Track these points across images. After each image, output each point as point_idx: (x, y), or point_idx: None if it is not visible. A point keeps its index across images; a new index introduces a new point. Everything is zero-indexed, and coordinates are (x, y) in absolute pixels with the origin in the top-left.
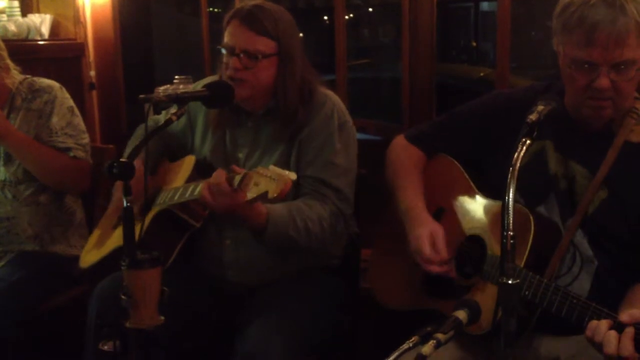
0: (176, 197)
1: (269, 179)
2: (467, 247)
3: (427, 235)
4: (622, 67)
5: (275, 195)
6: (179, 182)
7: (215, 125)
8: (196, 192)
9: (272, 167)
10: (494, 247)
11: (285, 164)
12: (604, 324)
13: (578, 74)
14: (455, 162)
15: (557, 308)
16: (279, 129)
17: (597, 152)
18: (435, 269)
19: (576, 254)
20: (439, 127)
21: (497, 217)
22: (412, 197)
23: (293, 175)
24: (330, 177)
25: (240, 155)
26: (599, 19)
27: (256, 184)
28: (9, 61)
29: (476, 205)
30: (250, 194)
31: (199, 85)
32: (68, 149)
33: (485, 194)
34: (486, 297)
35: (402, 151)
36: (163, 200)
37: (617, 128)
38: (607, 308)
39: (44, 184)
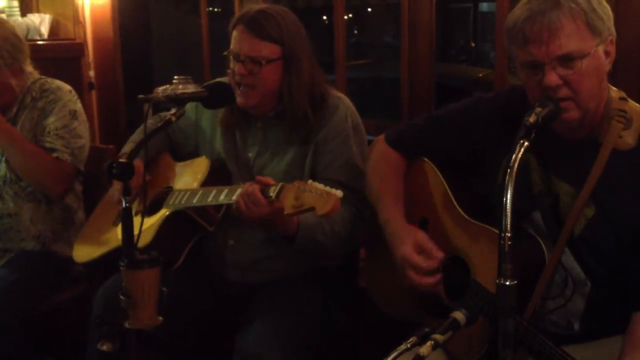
0: (195, 200)
1: (314, 195)
2: (451, 267)
3: (412, 249)
4: (568, 60)
5: (323, 212)
6: (193, 185)
7: (224, 126)
8: (221, 198)
9: (311, 182)
10: (476, 273)
11: (299, 167)
12: None
13: (528, 78)
14: (435, 169)
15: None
16: (289, 132)
17: (582, 165)
18: (429, 280)
19: (568, 277)
20: (420, 130)
21: (477, 240)
22: (390, 208)
23: (340, 193)
24: (350, 180)
25: (250, 155)
26: (529, 14)
27: (296, 198)
28: (24, 65)
29: (456, 224)
30: (291, 207)
31: None
32: (53, 150)
33: (465, 209)
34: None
35: (382, 156)
36: (178, 201)
37: (603, 135)
38: (601, 328)
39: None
